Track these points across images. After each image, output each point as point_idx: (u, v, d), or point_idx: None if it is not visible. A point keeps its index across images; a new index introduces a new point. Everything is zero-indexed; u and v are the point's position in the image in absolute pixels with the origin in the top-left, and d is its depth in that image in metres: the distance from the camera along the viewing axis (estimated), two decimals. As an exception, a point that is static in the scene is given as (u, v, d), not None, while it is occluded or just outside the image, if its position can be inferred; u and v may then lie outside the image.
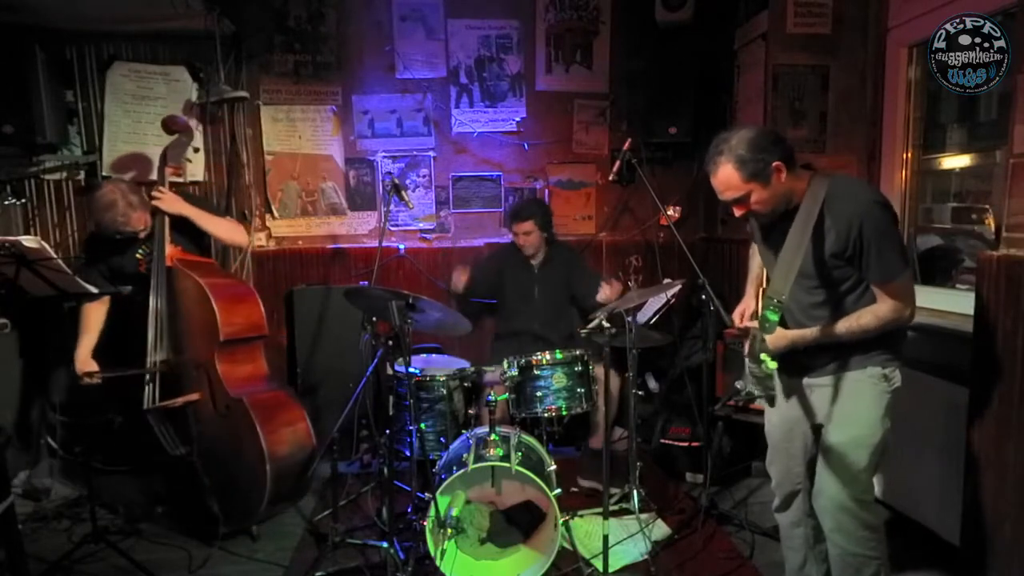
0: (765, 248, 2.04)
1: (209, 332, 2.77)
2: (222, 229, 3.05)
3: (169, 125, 3.10)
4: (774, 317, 1.78)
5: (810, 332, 1.90)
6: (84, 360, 2.85)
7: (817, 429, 2.03)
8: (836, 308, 1.89)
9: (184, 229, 2.98)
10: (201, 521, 2.77)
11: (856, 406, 1.91)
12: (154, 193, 2.89)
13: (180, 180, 3.12)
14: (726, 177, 1.81)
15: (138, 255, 2.94)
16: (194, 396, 2.77)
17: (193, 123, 3.82)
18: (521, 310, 3.62)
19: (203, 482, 2.71)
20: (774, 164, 1.78)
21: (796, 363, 1.98)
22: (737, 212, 1.89)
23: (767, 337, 1.79)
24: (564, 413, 3.06)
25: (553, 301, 3.61)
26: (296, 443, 2.87)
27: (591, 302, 3.40)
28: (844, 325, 1.84)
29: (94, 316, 2.92)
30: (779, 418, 2.14)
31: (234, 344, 2.84)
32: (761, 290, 2.03)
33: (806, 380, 2.01)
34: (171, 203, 2.90)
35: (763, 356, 1.75)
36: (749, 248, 2.32)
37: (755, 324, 1.84)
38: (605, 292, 3.34)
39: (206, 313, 2.77)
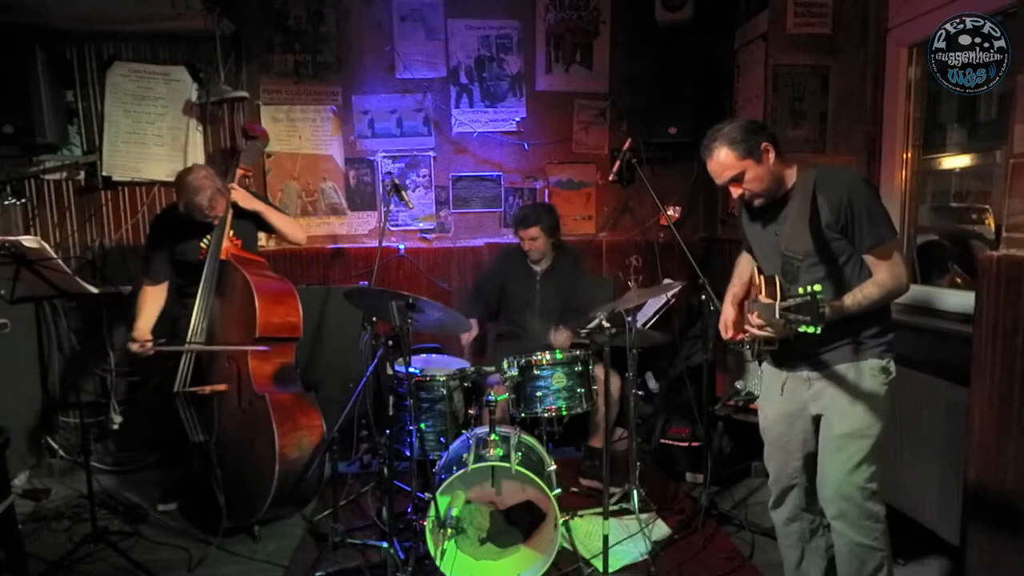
0: (758, 229, 2.09)
1: (247, 327, 2.83)
2: (288, 226, 3.23)
3: (247, 131, 3.29)
4: (793, 271, 1.89)
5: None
6: (142, 331, 2.92)
7: (816, 421, 2.05)
8: (836, 281, 1.95)
9: (248, 224, 3.11)
10: (206, 514, 2.80)
11: (858, 397, 1.94)
12: (231, 188, 2.99)
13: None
14: (722, 158, 1.96)
15: (202, 244, 3.01)
16: (222, 387, 2.83)
17: (193, 123, 3.83)
18: (522, 314, 3.61)
19: (216, 472, 2.73)
20: (764, 144, 1.94)
21: (794, 356, 2.01)
22: (735, 192, 2.00)
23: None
24: (564, 413, 3.06)
25: (554, 308, 3.60)
26: (308, 448, 2.89)
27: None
28: (850, 298, 1.88)
29: (150, 298, 3.01)
30: (776, 413, 2.15)
31: (268, 342, 2.88)
32: (762, 279, 2.02)
33: (805, 373, 2.03)
34: (246, 199, 3.05)
35: (813, 285, 1.70)
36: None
37: (766, 299, 1.86)
38: (558, 339, 3.38)
39: (247, 308, 2.83)
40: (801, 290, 1.71)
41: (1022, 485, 2.06)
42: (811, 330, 1.69)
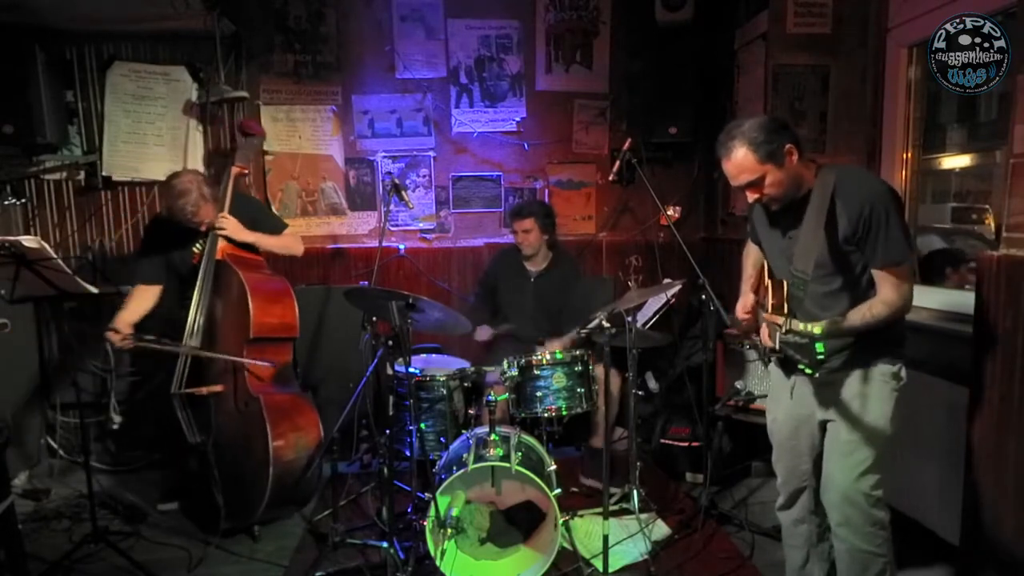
0: (776, 235, 2.03)
1: (241, 328, 2.81)
2: (281, 247, 3.17)
3: (244, 129, 3.23)
4: (800, 293, 1.84)
5: (827, 324, 1.89)
6: (123, 321, 2.85)
7: (824, 425, 2.04)
8: (851, 294, 1.91)
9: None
10: (206, 514, 2.80)
11: (868, 403, 1.93)
12: (219, 222, 2.90)
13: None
14: (741, 159, 1.84)
15: (195, 249, 2.99)
16: (218, 388, 2.82)
17: (193, 123, 3.83)
18: (516, 315, 3.61)
19: (213, 473, 2.73)
20: (787, 146, 1.83)
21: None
22: (751, 196, 1.91)
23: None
24: (564, 413, 3.06)
25: (548, 310, 3.60)
26: (304, 449, 2.87)
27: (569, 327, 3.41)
28: (857, 315, 1.85)
29: (139, 295, 2.96)
30: (785, 415, 2.14)
31: (263, 343, 2.87)
32: (771, 283, 2.01)
33: (815, 377, 1.99)
34: (235, 231, 2.95)
35: (812, 328, 1.69)
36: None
37: (776, 318, 1.83)
38: (550, 348, 3.32)
39: (242, 308, 2.80)
40: (802, 327, 1.67)
41: (1022, 485, 2.06)
42: (807, 371, 1.70)
